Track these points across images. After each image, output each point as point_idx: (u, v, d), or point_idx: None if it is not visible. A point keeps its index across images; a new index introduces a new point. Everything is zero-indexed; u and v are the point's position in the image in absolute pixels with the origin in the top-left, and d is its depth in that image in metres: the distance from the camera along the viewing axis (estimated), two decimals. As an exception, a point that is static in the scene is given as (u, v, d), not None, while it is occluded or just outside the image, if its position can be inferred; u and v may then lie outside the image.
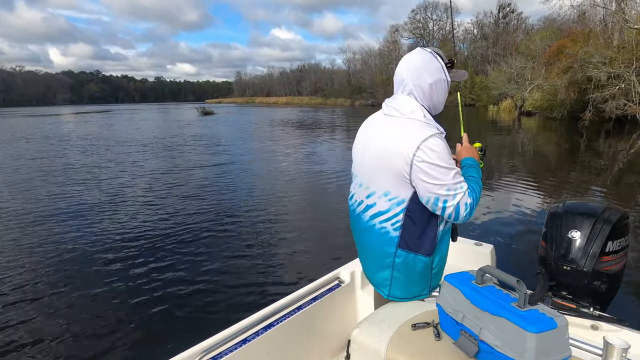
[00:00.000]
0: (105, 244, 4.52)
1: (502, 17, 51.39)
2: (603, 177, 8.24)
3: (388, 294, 1.25)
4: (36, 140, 17.24)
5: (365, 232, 1.27)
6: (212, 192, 7.14)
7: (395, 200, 1.16)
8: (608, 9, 20.21)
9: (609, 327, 1.27)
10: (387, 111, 1.22)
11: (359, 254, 1.39)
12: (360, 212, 1.28)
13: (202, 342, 1.25)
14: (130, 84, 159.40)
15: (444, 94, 1.21)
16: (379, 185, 1.19)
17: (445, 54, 1.23)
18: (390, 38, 61.91)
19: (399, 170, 1.12)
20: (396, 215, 1.17)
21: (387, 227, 1.19)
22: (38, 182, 8.16)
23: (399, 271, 1.21)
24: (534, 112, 26.18)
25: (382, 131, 1.20)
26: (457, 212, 1.10)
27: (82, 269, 3.86)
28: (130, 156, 11.82)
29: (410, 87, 1.17)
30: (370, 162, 1.21)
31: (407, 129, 1.13)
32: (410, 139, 1.10)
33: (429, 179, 1.08)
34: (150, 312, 3.07)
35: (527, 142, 15.02)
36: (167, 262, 3.99)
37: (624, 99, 18.14)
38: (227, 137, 17.47)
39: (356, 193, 1.31)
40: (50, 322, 2.96)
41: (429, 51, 1.19)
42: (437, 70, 1.17)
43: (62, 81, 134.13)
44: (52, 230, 5.07)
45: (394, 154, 1.12)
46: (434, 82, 1.16)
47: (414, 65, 1.17)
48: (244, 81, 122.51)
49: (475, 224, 5.01)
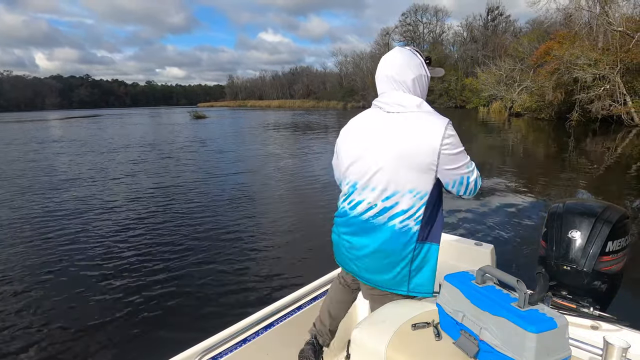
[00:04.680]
0: (101, 248, 4.45)
1: (491, 20, 52.24)
2: (594, 176, 8.40)
3: (409, 290, 1.22)
4: (19, 146, 16.93)
5: (380, 236, 1.20)
6: (214, 192, 7.12)
7: (419, 195, 1.16)
8: (593, 12, 20.69)
9: (609, 327, 1.27)
10: (388, 109, 1.20)
11: (360, 263, 1.27)
12: (371, 216, 1.21)
13: (202, 342, 1.24)
14: (121, 88, 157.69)
15: (425, 89, 1.26)
16: (401, 184, 1.16)
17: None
18: (382, 41, 62.46)
19: (427, 163, 1.12)
20: (418, 209, 1.16)
21: (409, 224, 1.17)
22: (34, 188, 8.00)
23: (417, 264, 1.21)
24: (523, 114, 26.61)
25: (394, 129, 1.16)
26: (475, 184, 1.21)
27: (77, 273, 3.80)
28: (122, 159, 11.67)
29: (398, 83, 1.20)
30: (391, 163, 1.16)
31: (425, 121, 1.14)
32: (433, 130, 1.12)
33: (455, 164, 1.15)
34: (150, 312, 3.05)
35: (519, 143, 15.26)
36: (167, 263, 3.97)
37: (610, 99, 18.56)
38: (219, 141, 17.39)
39: (364, 199, 1.22)
40: (49, 322, 2.94)
41: (408, 49, 1.24)
42: (418, 66, 1.22)
43: (51, 86, 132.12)
44: (51, 229, 4.98)
45: (420, 149, 1.12)
46: (416, 77, 1.21)
47: (397, 63, 1.21)
48: (236, 85, 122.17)
49: (475, 224, 5.05)
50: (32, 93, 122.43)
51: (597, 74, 18.42)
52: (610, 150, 12.07)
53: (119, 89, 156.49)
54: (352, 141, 1.28)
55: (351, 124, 1.32)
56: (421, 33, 59.30)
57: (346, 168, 1.30)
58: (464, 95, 45.54)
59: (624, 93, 18.11)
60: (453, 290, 1.01)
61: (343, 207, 1.31)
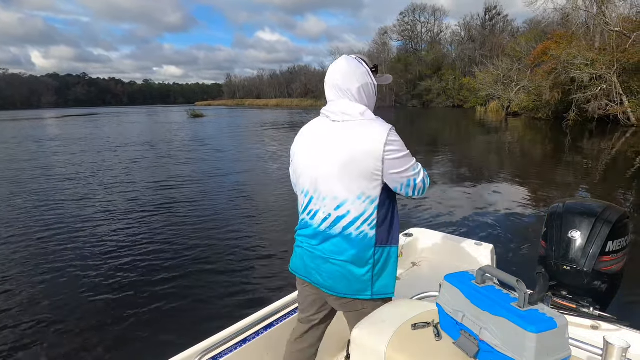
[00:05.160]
0: (99, 248, 4.42)
1: (488, 20, 52.37)
2: (591, 176, 8.45)
3: (373, 293, 1.24)
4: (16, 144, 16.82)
5: (339, 245, 1.23)
6: (213, 192, 7.10)
7: (369, 200, 1.19)
8: (590, 12, 20.77)
9: (609, 327, 1.27)
10: (334, 118, 1.23)
11: (322, 273, 1.26)
12: (327, 227, 1.23)
13: (202, 342, 1.24)
14: (118, 86, 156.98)
15: (372, 97, 1.27)
16: (350, 192, 1.19)
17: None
18: (380, 40, 62.50)
19: (371, 169, 1.16)
20: (371, 214, 1.19)
21: (365, 229, 1.19)
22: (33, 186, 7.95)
23: (379, 267, 1.23)
24: (520, 113, 26.71)
25: (339, 138, 1.19)
26: (423, 185, 1.24)
27: (75, 273, 3.78)
28: (120, 158, 11.62)
29: (344, 91, 1.23)
30: (336, 172, 1.19)
31: (368, 129, 1.17)
32: (375, 138, 1.15)
33: (400, 168, 1.18)
34: (150, 312, 3.04)
35: (516, 142, 15.32)
36: (166, 263, 3.96)
37: (606, 99, 18.66)
38: (217, 140, 17.35)
39: (320, 209, 1.25)
40: (49, 323, 2.93)
41: (354, 57, 1.26)
42: (363, 75, 1.24)
43: (48, 84, 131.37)
44: (49, 229, 4.95)
45: (363, 156, 1.15)
46: (362, 85, 1.23)
47: (343, 71, 1.23)
48: (234, 83, 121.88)
49: (475, 224, 5.06)
50: (28, 91, 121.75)
51: (594, 74, 18.51)
52: (607, 150, 12.14)
53: (116, 87, 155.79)
54: (303, 151, 1.30)
55: (302, 132, 1.34)
56: (419, 32, 59.40)
57: (298, 177, 1.33)
58: (461, 94, 45.63)
59: (620, 93, 18.21)
60: (453, 290, 1.01)
61: (303, 218, 1.33)
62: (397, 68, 55.49)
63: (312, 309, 1.40)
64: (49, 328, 2.87)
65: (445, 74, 49.80)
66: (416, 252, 2.29)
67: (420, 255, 2.28)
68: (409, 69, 55.30)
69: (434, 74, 50.97)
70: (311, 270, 1.31)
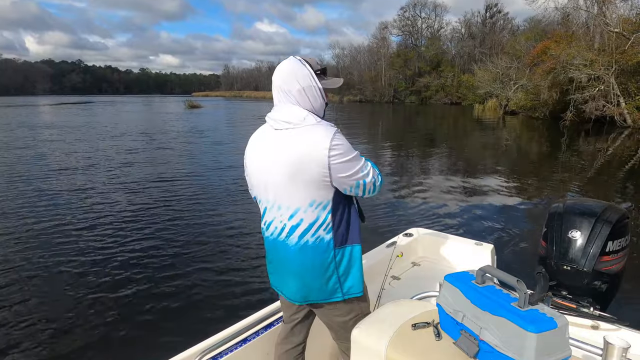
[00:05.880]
0: (97, 244, 4.39)
1: (489, 17, 52.17)
2: (587, 176, 8.51)
3: (343, 294, 1.24)
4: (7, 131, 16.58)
5: (298, 254, 1.21)
6: (213, 186, 7.05)
7: (322, 205, 1.17)
8: (590, 12, 20.76)
9: (609, 327, 1.28)
10: (276, 126, 1.20)
11: (290, 284, 1.27)
12: (285, 237, 1.22)
13: (202, 342, 1.24)
14: (114, 74, 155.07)
15: (318, 100, 1.22)
16: (301, 200, 1.17)
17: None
18: (379, 35, 62.09)
19: (319, 176, 1.13)
20: (325, 219, 1.18)
21: (321, 234, 1.18)
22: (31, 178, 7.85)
23: (344, 268, 1.22)
24: (517, 112, 26.78)
25: (283, 147, 1.17)
26: (374, 185, 1.21)
27: (73, 272, 3.73)
28: (116, 149, 11.50)
29: (285, 93, 1.19)
30: (285, 181, 1.17)
31: (311, 135, 1.13)
32: (318, 144, 1.11)
33: (348, 172, 1.15)
34: (150, 312, 3.01)
35: (513, 141, 15.37)
36: (165, 261, 3.91)
37: (603, 100, 18.75)
38: (214, 132, 17.23)
39: (275, 219, 1.24)
40: (47, 322, 2.90)
41: (297, 59, 1.22)
42: (305, 77, 1.19)
43: (42, 70, 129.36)
44: (43, 223, 4.90)
45: (309, 163, 1.12)
46: (303, 87, 1.18)
47: (285, 72, 1.20)
48: (232, 75, 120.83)
49: (475, 224, 5.06)
50: (22, 77, 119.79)
51: (592, 75, 18.57)
52: (602, 150, 12.23)
53: (112, 75, 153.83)
54: (253, 160, 1.28)
55: (251, 141, 1.31)
56: (419, 28, 59.06)
57: (251, 186, 1.32)
58: (460, 92, 45.61)
59: (617, 94, 18.30)
60: (453, 290, 1.01)
61: (263, 229, 1.32)
62: (396, 63, 55.31)
63: (291, 307, 1.40)
64: (46, 328, 2.82)
65: (444, 70, 49.69)
66: (416, 252, 2.28)
67: (420, 255, 2.28)
68: (408, 64, 55.11)
69: (433, 70, 50.84)
70: (280, 284, 1.32)
